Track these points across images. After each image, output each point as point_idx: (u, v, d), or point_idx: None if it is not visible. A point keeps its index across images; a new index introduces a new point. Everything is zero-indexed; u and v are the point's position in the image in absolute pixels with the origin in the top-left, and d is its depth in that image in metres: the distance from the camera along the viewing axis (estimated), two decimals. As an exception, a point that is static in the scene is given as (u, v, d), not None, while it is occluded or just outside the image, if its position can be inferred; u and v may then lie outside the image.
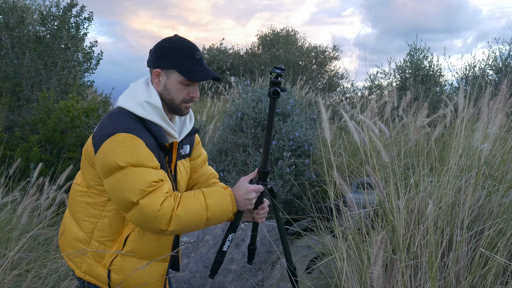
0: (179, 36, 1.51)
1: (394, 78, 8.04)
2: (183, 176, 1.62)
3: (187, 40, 1.49)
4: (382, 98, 3.49)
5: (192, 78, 1.45)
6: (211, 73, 1.47)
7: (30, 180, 3.32)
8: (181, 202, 1.38)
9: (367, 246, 1.76)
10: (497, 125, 1.49)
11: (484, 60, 6.71)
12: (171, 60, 1.45)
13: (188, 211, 1.37)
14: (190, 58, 1.45)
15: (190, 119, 1.63)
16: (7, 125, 5.39)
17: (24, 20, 5.99)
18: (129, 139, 1.35)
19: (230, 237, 1.61)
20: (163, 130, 1.46)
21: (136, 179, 1.33)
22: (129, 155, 1.34)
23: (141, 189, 1.33)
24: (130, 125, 1.38)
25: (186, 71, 1.44)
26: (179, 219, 1.36)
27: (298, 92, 7.11)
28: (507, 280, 1.60)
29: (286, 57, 11.92)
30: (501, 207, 1.78)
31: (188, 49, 1.46)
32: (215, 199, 1.43)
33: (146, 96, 1.44)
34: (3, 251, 2.46)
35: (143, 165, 1.35)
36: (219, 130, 4.19)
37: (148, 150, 1.38)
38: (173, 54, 1.45)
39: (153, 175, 1.36)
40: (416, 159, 2.76)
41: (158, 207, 1.33)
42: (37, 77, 5.95)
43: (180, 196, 1.41)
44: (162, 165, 1.46)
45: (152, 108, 1.43)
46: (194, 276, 2.94)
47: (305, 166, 3.52)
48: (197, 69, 1.45)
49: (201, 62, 1.48)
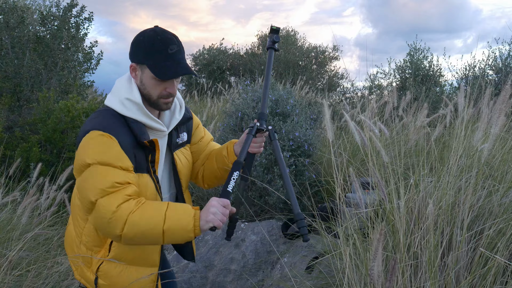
0: (156, 28, 1.42)
1: (394, 78, 8.05)
2: (183, 164, 1.60)
3: (163, 33, 1.40)
4: (382, 98, 3.49)
5: (159, 75, 1.37)
6: (182, 69, 1.39)
7: (30, 180, 3.32)
8: (141, 208, 1.31)
9: (368, 245, 1.76)
10: (499, 125, 1.49)
11: (484, 60, 6.71)
12: (143, 54, 1.39)
13: (144, 218, 1.29)
14: (161, 53, 1.37)
15: (180, 108, 1.58)
16: (7, 125, 5.39)
17: (24, 20, 5.99)
18: (101, 137, 1.32)
19: (235, 175, 1.50)
20: (144, 127, 1.42)
21: (99, 177, 1.30)
22: (97, 153, 1.31)
23: (102, 189, 1.29)
24: (107, 123, 1.36)
25: (155, 67, 1.37)
26: (133, 224, 1.28)
27: (298, 92, 7.11)
28: (507, 280, 1.60)
29: (286, 57, 11.92)
30: (501, 207, 1.78)
31: (160, 44, 1.37)
32: (177, 213, 1.32)
33: (127, 93, 1.41)
34: (3, 251, 2.46)
35: (109, 164, 1.31)
36: (219, 130, 4.19)
37: (119, 150, 1.33)
38: (145, 48, 1.38)
39: (118, 176, 1.31)
40: (416, 159, 2.76)
41: (113, 208, 1.28)
42: (37, 77, 5.95)
43: (144, 202, 1.33)
44: (142, 164, 1.41)
45: (133, 105, 1.40)
46: (194, 276, 2.94)
47: (305, 166, 3.52)
48: (167, 65, 1.37)
49: (174, 57, 1.38)
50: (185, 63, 1.41)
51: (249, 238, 3.13)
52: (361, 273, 1.71)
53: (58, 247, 2.99)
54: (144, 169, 1.43)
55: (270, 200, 3.41)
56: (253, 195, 3.50)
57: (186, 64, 1.41)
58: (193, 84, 11.65)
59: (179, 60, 1.39)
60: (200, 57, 12.54)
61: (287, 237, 3.03)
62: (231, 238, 1.61)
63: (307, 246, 2.77)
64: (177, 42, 1.40)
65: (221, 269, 2.95)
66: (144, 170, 1.43)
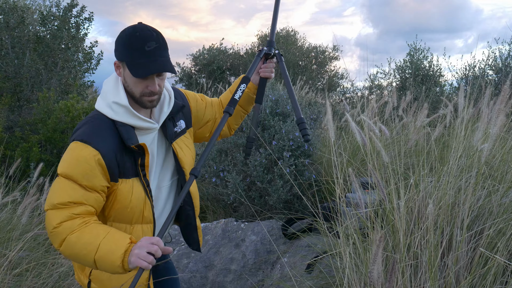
0: (137, 25, 1.39)
1: (394, 78, 8.05)
2: (185, 152, 1.59)
3: (142, 30, 1.36)
4: (382, 98, 3.49)
5: (133, 73, 1.35)
6: (157, 67, 1.35)
7: (30, 180, 3.32)
8: (81, 230, 1.32)
9: (368, 245, 1.76)
10: (498, 125, 1.49)
11: (484, 60, 6.71)
12: (122, 51, 1.38)
13: (80, 242, 1.31)
14: (138, 50, 1.34)
15: (170, 99, 1.54)
16: (7, 125, 5.39)
17: (24, 20, 6.00)
18: (78, 149, 1.33)
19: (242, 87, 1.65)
20: (133, 130, 1.41)
21: (57, 191, 1.34)
22: (67, 166, 1.34)
23: (53, 203, 1.33)
24: (92, 133, 1.36)
25: (132, 65, 1.36)
26: (69, 245, 1.31)
27: (298, 92, 7.11)
28: (507, 280, 1.60)
29: (286, 57, 11.92)
30: (501, 207, 1.78)
31: (137, 40, 1.35)
32: (110, 245, 1.30)
33: (114, 95, 1.40)
34: (4, 251, 2.46)
35: (72, 180, 1.33)
36: (219, 130, 4.19)
37: (91, 167, 1.32)
38: (124, 45, 1.37)
39: (74, 195, 1.32)
40: (416, 159, 2.76)
41: (55, 224, 1.32)
42: (37, 77, 5.95)
43: (87, 225, 1.34)
44: (128, 169, 1.40)
45: (120, 108, 1.39)
46: (194, 276, 2.94)
47: (305, 166, 3.52)
48: (142, 63, 1.34)
49: (151, 54, 1.35)
50: (163, 60, 1.37)
51: (249, 238, 3.13)
52: (361, 273, 1.71)
53: (58, 247, 2.98)
54: (132, 174, 1.42)
55: (270, 200, 3.41)
56: (253, 195, 3.50)
57: (164, 62, 1.38)
58: (193, 84, 11.65)
59: (156, 57, 1.36)
60: (200, 57, 12.54)
61: (287, 237, 3.03)
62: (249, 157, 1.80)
63: (307, 246, 2.77)
64: (156, 38, 1.37)
65: (221, 269, 2.95)
66: (131, 174, 1.42)
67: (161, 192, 1.56)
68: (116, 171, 1.38)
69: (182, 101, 1.63)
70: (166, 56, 1.40)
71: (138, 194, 1.43)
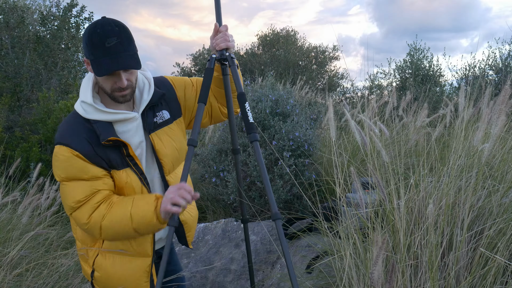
0: (99, 20, 1.36)
1: (394, 78, 8.05)
2: (165, 144, 1.54)
3: (103, 25, 1.33)
4: (382, 98, 3.49)
5: (95, 72, 1.34)
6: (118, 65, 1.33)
7: (30, 180, 3.32)
8: (110, 212, 1.38)
9: (368, 245, 1.76)
10: (499, 125, 1.49)
11: (484, 60, 6.71)
12: (85, 49, 1.37)
13: (113, 221, 1.38)
14: (99, 47, 1.32)
15: (149, 87, 1.52)
16: (7, 125, 5.39)
17: (24, 20, 5.99)
18: (62, 153, 1.37)
19: (247, 106, 1.58)
20: (108, 124, 1.42)
21: (68, 195, 1.40)
22: (62, 170, 1.39)
23: (71, 206, 1.40)
24: (68, 133, 1.40)
25: (94, 63, 1.34)
26: (107, 228, 1.39)
27: (298, 92, 7.10)
28: (507, 280, 1.60)
29: (286, 57, 11.93)
30: (501, 207, 1.78)
31: (96, 37, 1.32)
32: (139, 210, 1.38)
33: (82, 94, 1.43)
34: (4, 251, 2.46)
35: (75, 179, 1.38)
36: (219, 130, 4.19)
37: (81, 162, 1.37)
38: (86, 42, 1.34)
39: (84, 190, 1.38)
40: (416, 159, 2.76)
41: (85, 220, 1.39)
42: (37, 77, 5.95)
43: (111, 205, 1.40)
44: (117, 160, 1.43)
45: (88, 106, 1.41)
46: (194, 276, 2.94)
47: (305, 166, 3.52)
48: (103, 61, 1.32)
49: (111, 51, 1.32)
50: (126, 55, 1.34)
51: (249, 238, 3.13)
52: (362, 273, 1.71)
53: (58, 247, 2.99)
54: (122, 165, 1.45)
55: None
56: (253, 195, 3.50)
57: (127, 57, 1.34)
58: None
59: (117, 53, 1.32)
60: (200, 57, 12.54)
61: (287, 237, 3.02)
62: None
63: (307, 246, 2.77)
64: (118, 33, 1.33)
65: (221, 269, 2.95)
66: (120, 166, 1.44)
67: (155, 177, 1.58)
68: (104, 164, 1.41)
69: (167, 91, 1.59)
70: (129, 51, 1.35)
71: (133, 183, 1.46)
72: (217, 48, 1.65)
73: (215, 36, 1.67)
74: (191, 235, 1.72)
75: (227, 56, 1.64)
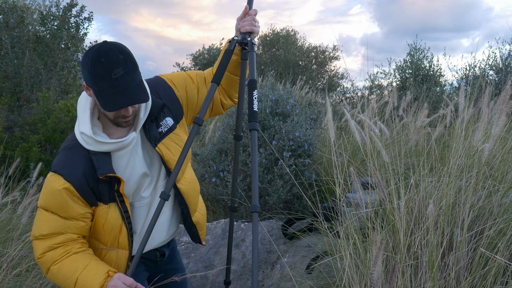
0: (102, 47, 1.26)
1: (394, 78, 8.06)
2: (173, 152, 1.49)
3: (107, 54, 1.24)
4: (382, 98, 3.49)
5: (102, 106, 1.27)
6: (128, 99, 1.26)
7: (30, 180, 3.32)
8: (62, 261, 1.37)
9: (368, 245, 1.76)
10: (500, 125, 1.48)
11: (484, 60, 6.71)
12: (88, 78, 1.27)
13: (61, 273, 1.37)
14: (104, 79, 1.23)
15: (146, 105, 1.42)
16: (7, 125, 5.38)
17: (24, 20, 5.99)
18: (52, 182, 1.35)
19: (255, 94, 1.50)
20: (105, 159, 1.36)
21: (36, 223, 1.39)
22: (44, 198, 1.38)
23: (34, 235, 1.39)
24: (63, 162, 1.37)
25: (99, 95, 1.26)
26: (53, 275, 1.39)
27: (298, 92, 7.10)
28: (507, 280, 1.60)
29: (286, 57, 11.92)
30: (501, 207, 1.78)
31: (102, 68, 1.23)
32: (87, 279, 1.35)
33: (81, 124, 1.35)
34: (4, 251, 2.46)
35: (51, 211, 1.37)
36: (219, 130, 4.19)
37: (65, 199, 1.34)
38: (89, 72, 1.25)
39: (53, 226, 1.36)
40: (416, 159, 2.76)
41: (38, 255, 1.39)
42: (37, 77, 5.95)
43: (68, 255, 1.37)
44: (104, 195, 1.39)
45: (87, 138, 1.34)
46: (194, 276, 2.94)
47: (305, 166, 3.52)
48: (110, 94, 1.25)
49: (119, 83, 1.24)
50: (133, 87, 1.27)
51: (249, 238, 3.12)
52: (361, 273, 1.71)
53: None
54: (109, 199, 1.40)
55: (270, 200, 3.40)
56: (253, 195, 3.50)
57: (135, 90, 1.27)
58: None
59: (125, 86, 1.25)
60: (200, 57, 12.54)
61: (287, 237, 3.02)
62: None
63: (307, 246, 2.76)
64: (123, 62, 1.25)
65: (221, 269, 2.94)
66: (108, 200, 1.40)
67: (157, 193, 1.52)
68: (93, 198, 1.39)
69: (166, 94, 1.52)
70: (135, 81, 1.28)
71: (113, 220, 1.42)
72: (242, 30, 1.56)
73: (242, 18, 1.59)
74: (203, 233, 1.73)
75: (249, 41, 1.57)
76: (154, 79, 1.56)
